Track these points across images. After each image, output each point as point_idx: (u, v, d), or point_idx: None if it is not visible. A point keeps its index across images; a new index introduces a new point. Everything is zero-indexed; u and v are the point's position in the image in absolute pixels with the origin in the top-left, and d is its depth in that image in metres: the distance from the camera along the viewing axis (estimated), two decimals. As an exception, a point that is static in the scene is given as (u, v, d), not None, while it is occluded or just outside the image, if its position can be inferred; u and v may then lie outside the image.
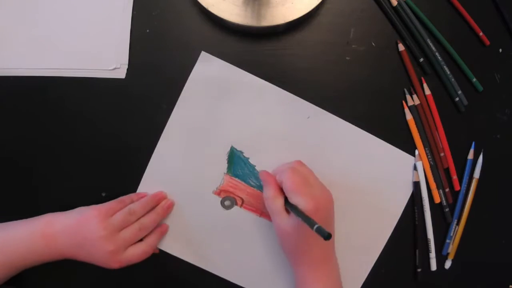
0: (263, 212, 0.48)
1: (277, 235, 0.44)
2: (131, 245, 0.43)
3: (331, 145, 0.48)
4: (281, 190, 0.44)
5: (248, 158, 0.48)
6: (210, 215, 0.48)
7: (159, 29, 0.48)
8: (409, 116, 0.49)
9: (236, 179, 0.48)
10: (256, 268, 0.49)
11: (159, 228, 0.47)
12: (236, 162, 0.48)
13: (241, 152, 0.48)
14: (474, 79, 0.49)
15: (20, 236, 0.42)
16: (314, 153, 0.48)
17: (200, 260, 0.49)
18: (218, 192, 0.48)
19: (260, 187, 0.48)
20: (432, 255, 0.50)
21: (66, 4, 0.48)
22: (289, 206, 0.42)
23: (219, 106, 0.47)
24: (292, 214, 0.41)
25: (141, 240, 0.45)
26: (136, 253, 0.43)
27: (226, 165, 0.48)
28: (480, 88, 0.50)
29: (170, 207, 0.48)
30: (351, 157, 0.48)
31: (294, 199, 0.41)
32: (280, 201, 0.43)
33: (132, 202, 0.46)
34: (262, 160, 0.48)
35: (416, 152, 0.49)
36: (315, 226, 0.36)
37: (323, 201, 0.43)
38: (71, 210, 0.44)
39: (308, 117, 0.47)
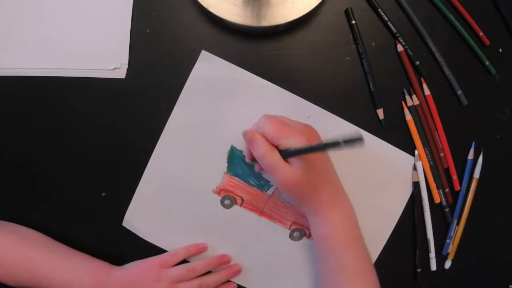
0: (263, 211, 0.48)
1: (284, 190, 0.43)
2: None
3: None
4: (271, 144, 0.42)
5: (248, 157, 0.48)
6: (210, 214, 0.48)
7: (159, 29, 0.48)
8: (408, 117, 0.49)
9: (236, 178, 0.48)
10: (256, 267, 0.49)
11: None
12: (236, 161, 0.48)
13: (241, 151, 0.48)
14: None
15: (70, 268, 0.43)
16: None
17: (199, 259, 0.48)
18: (218, 191, 0.48)
19: (260, 187, 0.48)
20: (432, 255, 0.50)
21: (66, 4, 0.47)
22: (289, 153, 0.40)
23: (219, 105, 0.47)
24: (293, 162, 0.40)
25: None
26: None
27: (226, 164, 0.48)
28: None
29: (237, 272, 0.48)
30: (350, 157, 0.48)
31: (285, 143, 0.40)
32: (276, 153, 0.41)
33: (188, 252, 0.47)
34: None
35: (416, 152, 0.49)
36: (341, 140, 0.33)
37: (311, 133, 0.43)
38: (126, 265, 0.46)
39: (309, 117, 0.47)
